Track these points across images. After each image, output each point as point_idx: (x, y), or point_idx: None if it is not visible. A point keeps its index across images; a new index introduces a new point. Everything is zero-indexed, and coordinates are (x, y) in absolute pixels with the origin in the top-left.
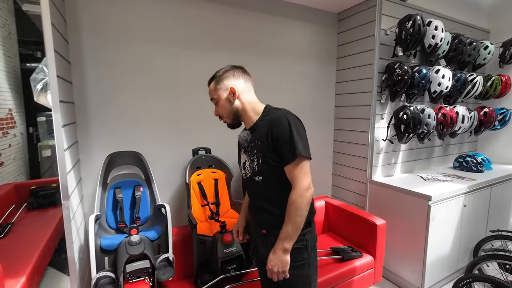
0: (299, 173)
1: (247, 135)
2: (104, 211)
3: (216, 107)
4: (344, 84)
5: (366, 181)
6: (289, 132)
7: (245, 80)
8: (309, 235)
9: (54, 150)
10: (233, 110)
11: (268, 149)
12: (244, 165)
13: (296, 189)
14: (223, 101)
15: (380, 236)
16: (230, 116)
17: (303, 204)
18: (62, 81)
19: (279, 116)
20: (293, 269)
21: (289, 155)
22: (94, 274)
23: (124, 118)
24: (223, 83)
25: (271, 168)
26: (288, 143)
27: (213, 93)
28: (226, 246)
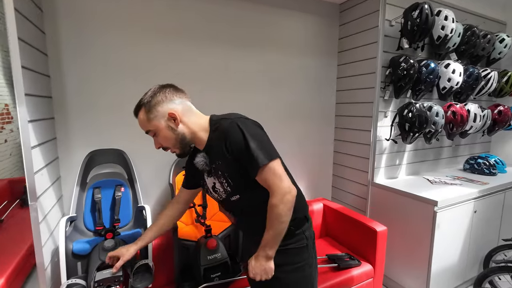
0: (271, 178)
1: (204, 158)
2: (82, 212)
3: (155, 139)
4: (345, 80)
5: (367, 183)
6: (243, 141)
7: (181, 99)
8: (308, 232)
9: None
10: (178, 137)
11: (232, 165)
12: (214, 188)
13: (275, 194)
14: (163, 131)
15: (380, 244)
16: (177, 145)
17: (285, 209)
18: (33, 73)
19: (227, 126)
20: (294, 272)
21: (253, 167)
22: (63, 280)
23: (107, 113)
24: (157, 110)
25: (244, 183)
26: (247, 154)
27: (147, 124)
28: (210, 252)
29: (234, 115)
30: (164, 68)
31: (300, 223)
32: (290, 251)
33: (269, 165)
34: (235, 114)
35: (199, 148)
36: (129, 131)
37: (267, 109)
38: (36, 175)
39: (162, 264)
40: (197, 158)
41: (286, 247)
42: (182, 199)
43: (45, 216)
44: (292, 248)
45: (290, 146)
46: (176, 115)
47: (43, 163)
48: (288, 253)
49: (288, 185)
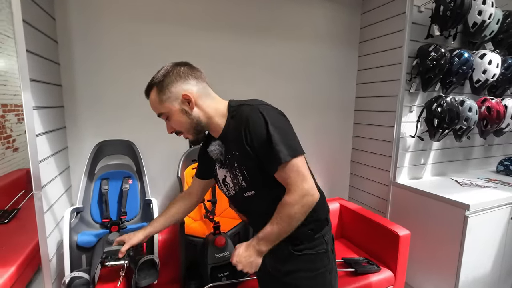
0: (293, 177)
1: (219, 146)
2: (89, 203)
3: (167, 123)
4: (367, 72)
5: (388, 183)
6: (265, 132)
7: (197, 80)
8: (328, 236)
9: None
10: (193, 122)
11: (250, 158)
12: (224, 182)
13: (294, 193)
14: (176, 115)
15: (403, 249)
16: (191, 131)
17: (300, 212)
18: (40, 59)
19: (249, 113)
20: (312, 279)
21: (273, 162)
22: (67, 273)
23: (117, 104)
24: (170, 90)
25: (262, 178)
26: (268, 147)
27: (158, 107)
28: (218, 250)
29: (256, 101)
30: (178, 58)
31: (320, 226)
32: (308, 257)
33: (292, 162)
34: (257, 101)
35: (214, 136)
36: (139, 122)
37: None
38: (41, 164)
39: (168, 260)
40: (212, 146)
41: (302, 252)
42: (195, 190)
43: (50, 206)
44: (310, 254)
45: (304, 141)
46: (191, 97)
47: (50, 152)
48: (305, 259)
49: (311, 186)
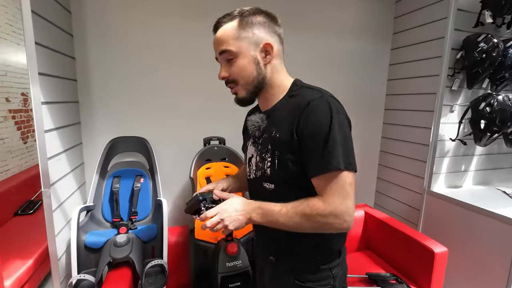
0: (335, 189)
1: (261, 120)
2: (101, 202)
3: (226, 65)
4: (400, 67)
5: (422, 191)
6: (327, 129)
7: (281, 39)
8: (338, 270)
9: None
10: (258, 77)
11: (291, 147)
12: (250, 161)
13: (326, 206)
14: (246, 61)
15: (438, 268)
16: (249, 86)
17: (317, 228)
18: (52, 52)
19: (315, 100)
20: None
21: (319, 164)
22: (74, 274)
23: (132, 99)
24: (253, 32)
25: (290, 175)
26: (323, 146)
27: (230, 41)
28: (229, 259)
29: (326, 91)
30: (200, 54)
31: (329, 258)
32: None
33: (343, 174)
34: (326, 91)
35: (260, 108)
36: (154, 119)
37: None
38: (51, 161)
39: (177, 266)
40: (253, 116)
41: (304, 284)
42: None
43: (60, 204)
44: (312, 287)
45: None
46: (272, 50)
47: (62, 148)
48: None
49: (350, 211)
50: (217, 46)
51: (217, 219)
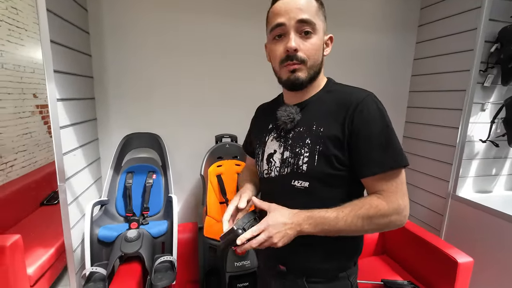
0: (395, 186)
1: (295, 112)
2: (115, 196)
3: (297, 38)
4: (426, 61)
5: (446, 195)
6: (385, 127)
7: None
8: (354, 278)
9: None
10: (320, 64)
11: (339, 144)
12: (270, 157)
13: (388, 204)
14: (320, 42)
15: (462, 279)
16: (312, 69)
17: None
18: (67, 49)
19: (366, 98)
20: None
21: (382, 162)
22: (87, 266)
23: (147, 96)
24: (324, 18)
25: (332, 174)
26: (385, 144)
27: (314, 14)
28: (238, 259)
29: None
30: (215, 52)
31: (347, 264)
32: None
33: (401, 171)
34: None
35: (287, 102)
36: (167, 116)
37: None
38: (66, 156)
39: (187, 262)
40: (287, 108)
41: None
42: (253, 164)
43: (76, 198)
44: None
45: None
46: (330, 44)
47: (77, 144)
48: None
49: (408, 207)
50: (297, 12)
51: (264, 237)
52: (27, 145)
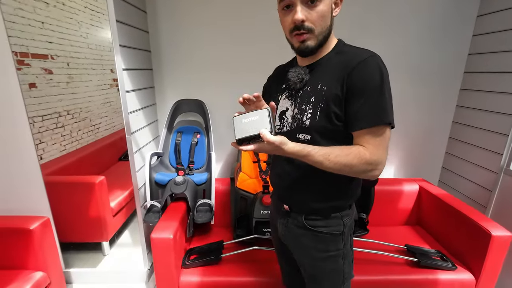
0: (379, 141)
1: (304, 72)
2: (168, 151)
3: (303, 9)
4: (490, 17)
5: (497, 169)
6: (379, 85)
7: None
8: (348, 219)
9: None
10: (330, 27)
11: (337, 101)
12: (282, 115)
13: (370, 155)
14: (327, 7)
15: (494, 252)
16: (321, 35)
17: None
18: (129, 27)
19: (366, 59)
20: (322, 261)
21: (370, 117)
22: (148, 200)
23: (194, 67)
24: None
25: (330, 128)
26: (375, 100)
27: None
28: (264, 207)
29: (373, 52)
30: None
31: (341, 207)
32: (321, 236)
33: (387, 129)
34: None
35: (300, 64)
36: (211, 85)
37: None
38: (131, 115)
39: (222, 209)
40: (296, 69)
41: (316, 229)
42: None
43: (139, 149)
44: (325, 232)
45: None
46: (340, 3)
47: (139, 106)
48: (318, 238)
49: (384, 162)
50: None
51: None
52: (108, 111)
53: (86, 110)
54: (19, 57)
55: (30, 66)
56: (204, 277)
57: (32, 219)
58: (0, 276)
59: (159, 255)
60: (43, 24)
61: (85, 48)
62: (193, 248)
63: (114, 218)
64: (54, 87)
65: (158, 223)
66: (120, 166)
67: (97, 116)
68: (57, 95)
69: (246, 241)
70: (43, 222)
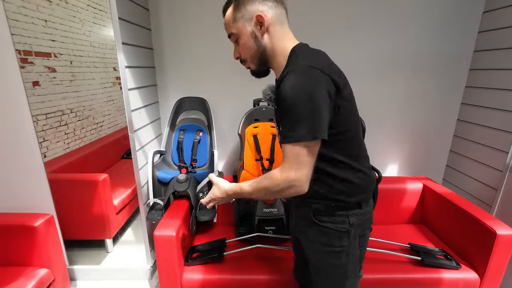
0: (292, 162)
1: (271, 92)
2: (170, 149)
3: (235, 47)
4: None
5: (503, 167)
6: (291, 102)
7: (276, 3)
8: (355, 219)
9: None
10: (259, 50)
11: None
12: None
13: (281, 174)
14: (246, 38)
15: (499, 251)
16: (255, 60)
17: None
18: (131, 25)
19: (285, 76)
20: (326, 254)
21: (283, 136)
22: (151, 197)
23: (197, 65)
24: (245, 9)
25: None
26: (288, 118)
27: (231, 25)
28: (267, 206)
29: (307, 60)
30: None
31: (346, 207)
32: (327, 230)
33: (298, 147)
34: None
35: (276, 75)
36: (213, 83)
37: (359, 62)
38: (133, 113)
39: (225, 207)
40: (265, 88)
41: (322, 223)
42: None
43: (142, 147)
44: (329, 227)
45: (389, 107)
46: (264, 20)
47: (142, 104)
48: (324, 231)
49: (300, 179)
50: (225, 29)
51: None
52: (111, 110)
53: (89, 108)
54: (23, 55)
55: (34, 64)
56: (207, 274)
57: (37, 216)
58: (5, 273)
59: (162, 253)
60: (46, 22)
61: (88, 46)
62: (195, 245)
63: (117, 216)
64: (58, 85)
65: (161, 221)
66: (123, 164)
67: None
68: (60, 93)
69: (249, 239)
70: (47, 219)
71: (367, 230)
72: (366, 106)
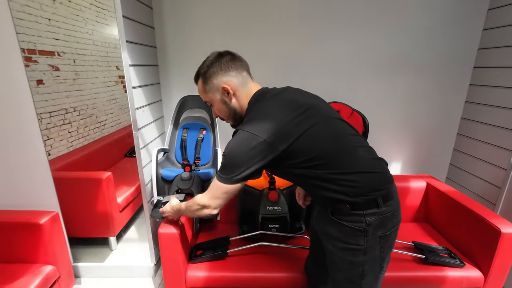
0: (208, 192)
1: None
2: (174, 147)
3: (212, 109)
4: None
5: (507, 166)
6: (225, 154)
7: (237, 71)
8: (372, 218)
9: None
10: (231, 111)
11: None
12: None
13: (201, 198)
14: (218, 104)
15: (504, 249)
16: (230, 118)
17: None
18: (135, 23)
19: (240, 130)
20: (343, 251)
21: (217, 171)
22: (155, 195)
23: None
24: (212, 82)
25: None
26: (222, 161)
27: (203, 95)
28: (270, 204)
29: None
30: (266, 27)
31: (362, 206)
32: (345, 227)
33: (217, 182)
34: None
35: None
36: None
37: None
38: (137, 111)
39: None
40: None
41: (340, 221)
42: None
43: (146, 145)
44: (346, 225)
45: (392, 106)
46: (229, 89)
47: (145, 102)
48: (342, 228)
49: (212, 206)
50: (200, 96)
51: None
52: (114, 108)
53: (92, 107)
54: (27, 53)
55: (38, 63)
56: (211, 272)
57: (42, 213)
58: (11, 270)
59: (166, 250)
60: (50, 21)
61: (91, 45)
62: (199, 243)
63: (121, 214)
64: (61, 84)
65: (165, 219)
66: (126, 162)
67: (103, 113)
68: (64, 91)
69: (252, 237)
70: (52, 216)
71: (390, 231)
72: (370, 105)
